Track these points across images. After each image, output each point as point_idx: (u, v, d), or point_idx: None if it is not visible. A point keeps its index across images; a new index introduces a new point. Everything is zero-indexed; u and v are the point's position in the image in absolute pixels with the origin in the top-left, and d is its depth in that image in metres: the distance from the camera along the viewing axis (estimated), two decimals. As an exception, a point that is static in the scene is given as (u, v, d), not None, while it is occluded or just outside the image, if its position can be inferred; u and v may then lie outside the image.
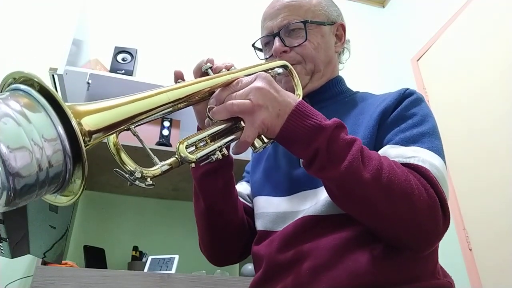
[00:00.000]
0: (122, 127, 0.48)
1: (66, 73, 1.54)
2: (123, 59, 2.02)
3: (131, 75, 1.97)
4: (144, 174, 0.50)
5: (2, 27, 2.21)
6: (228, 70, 0.69)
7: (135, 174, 0.50)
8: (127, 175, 0.50)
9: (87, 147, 0.41)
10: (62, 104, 0.37)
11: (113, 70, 1.96)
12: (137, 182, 0.50)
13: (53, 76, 1.64)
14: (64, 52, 1.58)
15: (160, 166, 0.53)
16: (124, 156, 0.51)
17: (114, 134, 0.50)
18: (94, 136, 0.42)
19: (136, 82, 1.90)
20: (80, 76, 1.79)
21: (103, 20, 2.42)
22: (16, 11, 2.29)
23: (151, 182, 0.51)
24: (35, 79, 0.39)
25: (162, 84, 0.69)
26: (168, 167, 0.54)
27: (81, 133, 0.39)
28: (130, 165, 0.50)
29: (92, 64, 2.01)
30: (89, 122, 0.42)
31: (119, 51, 2.03)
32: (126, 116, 0.48)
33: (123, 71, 1.96)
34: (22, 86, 0.39)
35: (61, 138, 0.38)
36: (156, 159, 0.53)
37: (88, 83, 1.86)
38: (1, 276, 1.63)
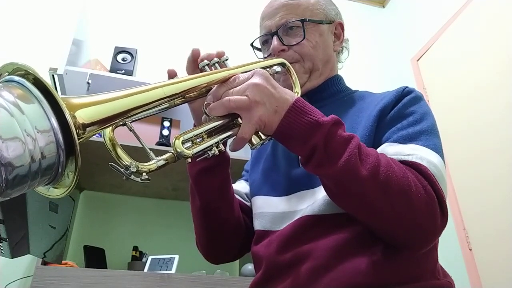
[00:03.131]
0: (117, 121, 0.48)
1: (66, 73, 1.55)
2: (123, 59, 2.02)
3: (131, 75, 1.97)
4: (139, 168, 0.50)
5: (2, 27, 2.21)
6: (220, 57, 0.70)
7: (130, 168, 0.49)
8: (122, 169, 0.49)
9: (81, 139, 0.41)
10: (56, 96, 0.37)
11: (113, 70, 1.96)
12: (132, 177, 0.50)
13: (53, 76, 1.64)
14: (64, 52, 1.59)
15: (156, 161, 0.52)
16: (119, 151, 0.50)
17: (110, 129, 0.50)
18: (88, 129, 0.42)
19: (136, 82, 1.90)
20: (80, 76, 1.79)
21: (103, 20, 2.42)
22: (16, 11, 2.29)
23: (146, 177, 0.51)
24: (29, 71, 0.38)
25: (162, 84, 0.68)
26: (164, 162, 0.53)
27: (74, 126, 0.38)
28: (126, 159, 0.50)
29: (92, 64, 2.01)
30: (83, 115, 0.42)
31: (119, 51, 2.03)
32: (121, 110, 0.47)
33: (123, 71, 1.96)
34: (16, 78, 0.39)
35: (54, 130, 0.37)
36: (152, 154, 0.53)
37: (88, 83, 1.86)
38: (1, 276, 1.63)
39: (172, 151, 0.55)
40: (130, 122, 0.50)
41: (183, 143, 0.56)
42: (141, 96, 0.51)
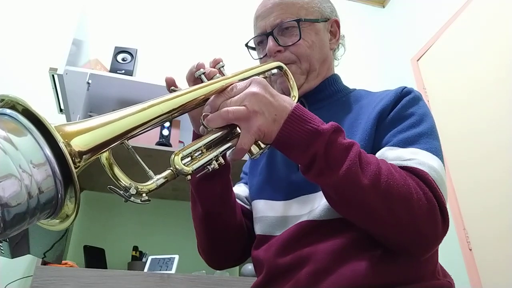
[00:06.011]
0: (114, 144, 0.46)
1: (66, 73, 1.54)
2: (123, 59, 2.02)
3: (131, 75, 1.97)
4: (139, 189, 0.49)
5: (3, 27, 2.21)
6: (216, 66, 0.68)
7: (130, 190, 0.48)
8: (121, 192, 0.48)
9: (78, 168, 0.39)
10: (48, 126, 0.36)
11: (113, 70, 1.96)
12: (132, 199, 0.49)
13: (53, 76, 1.64)
14: (64, 52, 1.58)
15: (155, 181, 0.51)
16: (117, 171, 0.49)
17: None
18: (85, 156, 0.40)
19: (136, 82, 1.91)
20: (80, 76, 1.79)
21: (103, 20, 2.42)
22: (16, 11, 2.29)
23: (146, 198, 0.50)
24: (20, 103, 0.37)
25: (162, 84, 0.68)
26: (164, 180, 0.52)
27: (70, 154, 0.37)
28: (124, 180, 0.49)
29: (92, 64, 2.01)
30: (79, 142, 0.40)
31: (119, 51, 2.03)
32: (118, 133, 0.46)
33: (123, 71, 1.96)
34: (8, 111, 0.37)
35: (50, 162, 0.36)
36: (151, 173, 0.52)
37: (88, 83, 1.86)
38: (1, 276, 1.63)
39: (172, 168, 0.54)
40: (127, 140, 0.49)
41: (182, 159, 0.55)
42: (138, 116, 0.49)
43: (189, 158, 0.57)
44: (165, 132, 1.90)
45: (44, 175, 0.36)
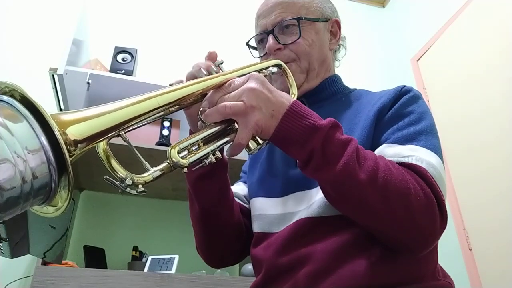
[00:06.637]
0: (110, 135, 0.46)
1: (66, 73, 1.54)
2: (123, 59, 2.02)
3: (131, 75, 1.97)
4: (135, 181, 0.49)
5: (3, 27, 2.21)
6: (213, 60, 0.68)
7: (126, 181, 0.48)
8: (117, 183, 0.48)
9: (73, 157, 0.40)
10: (44, 114, 0.37)
11: (113, 70, 1.96)
12: (128, 189, 0.49)
13: (53, 76, 1.64)
14: (64, 52, 1.58)
15: (151, 172, 0.51)
16: (114, 163, 0.49)
17: (104, 141, 0.49)
18: (80, 145, 0.41)
19: (136, 82, 1.91)
20: (80, 76, 1.79)
21: (103, 20, 2.42)
22: (16, 11, 2.29)
23: (142, 189, 0.50)
24: (17, 90, 0.38)
25: (162, 84, 0.68)
26: (160, 172, 0.52)
27: (66, 143, 0.37)
28: (121, 172, 0.49)
29: (92, 64, 2.01)
30: (75, 131, 0.40)
31: (119, 51, 2.04)
32: (114, 124, 0.46)
33: (123, 71, 1.96)
34: (5, 97, 0.38)
35: (45, 149, 0.37)
36: (147, 165, 0.52)
37: (88, 83, 1.87)
38: (1, 276, 1.63)
39: (168, 161, 0.54)
40: (125, 133, 0.49)
41: (179, 152, 0.55)
42: (134, 108, 0.49)
43: (186, 152, 0.57)
44: (165, 132, 1.90)
45: (39, 162, 0.36)
